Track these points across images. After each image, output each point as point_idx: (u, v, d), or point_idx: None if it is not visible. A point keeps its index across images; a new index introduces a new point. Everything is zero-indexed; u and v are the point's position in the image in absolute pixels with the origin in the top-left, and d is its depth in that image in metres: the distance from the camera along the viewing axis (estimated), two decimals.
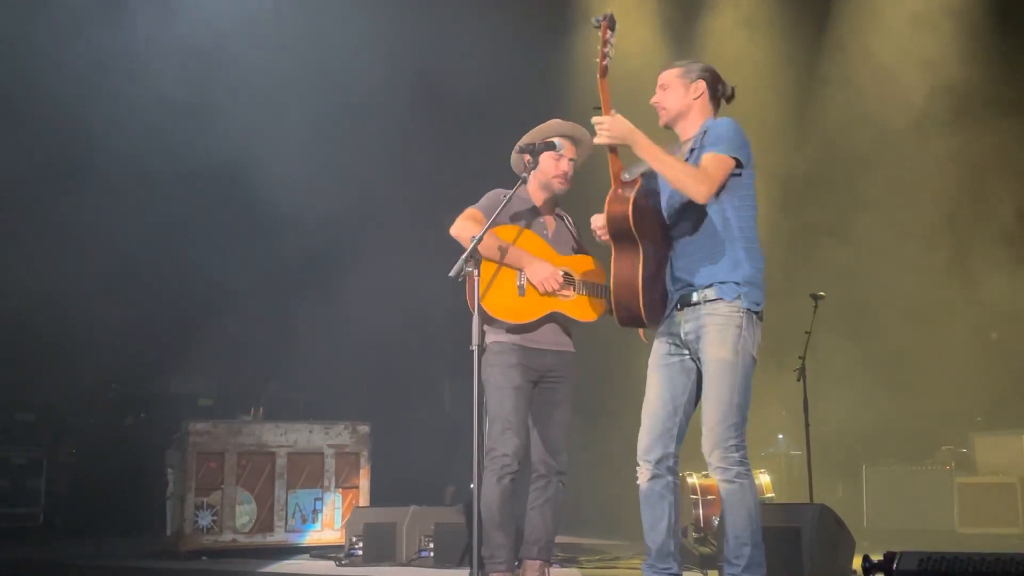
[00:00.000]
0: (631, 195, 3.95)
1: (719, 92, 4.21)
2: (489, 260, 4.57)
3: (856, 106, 8.95)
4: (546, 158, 4.78)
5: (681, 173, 3.90)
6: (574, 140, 4.88)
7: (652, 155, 3.91)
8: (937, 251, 8.41)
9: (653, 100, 4.25)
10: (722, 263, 4.00)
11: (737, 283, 3.99)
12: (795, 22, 9.21)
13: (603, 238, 4.16)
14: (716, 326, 3.96)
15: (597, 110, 3.96)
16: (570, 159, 4.85)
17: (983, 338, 8.35)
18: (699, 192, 3.89)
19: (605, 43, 3.88)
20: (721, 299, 3.98)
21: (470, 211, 4.80)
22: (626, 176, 3.95)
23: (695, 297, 4.00)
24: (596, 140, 3.93)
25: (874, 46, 8.92)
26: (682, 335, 4.05)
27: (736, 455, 3.91)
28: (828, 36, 9.22)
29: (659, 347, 4.16)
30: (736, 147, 3.96)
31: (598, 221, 4.16)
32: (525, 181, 4.65)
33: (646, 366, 4.17)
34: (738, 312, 3.96)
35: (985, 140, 8.40)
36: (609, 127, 3.89)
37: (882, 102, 8.85)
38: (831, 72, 9.14)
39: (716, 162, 3.93)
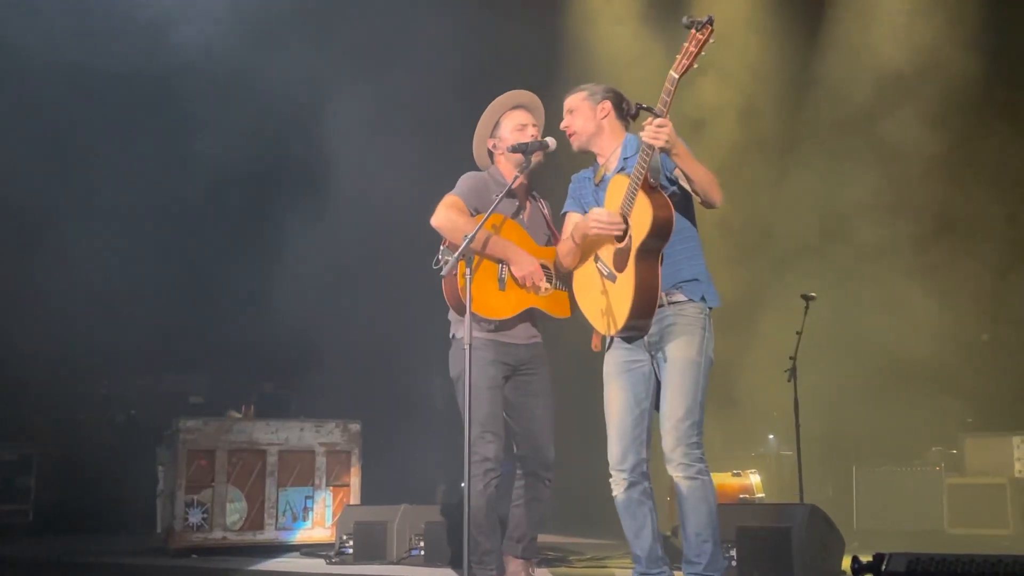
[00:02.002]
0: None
1: (624, 111, 4.28)
2: (472, 251, 4.48)
3: (848, 106, 8.96)
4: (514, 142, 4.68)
5: (713, 179, 3.97)
6: (530, 108, 4.84)
7: (690, 159, 3.94)
8: (928, 252, 8.42)
9: (563, 125, 4.33)
10: (681, 263, 4.07)
11: (698, 280, 4.06)
12: (789, 22, 9.20)
13: (598, 233, 4.02)
14: (682, 327, 4.04)
15: (648, 110, 3.87)
16: (532, 124, 4.79)
17: (974, 340, 8.36)
18: (721, 198, 4.00)
19: (702, 49, 3.72)
20: (690, 300, 4.04)
21: (451, 199, 4.66)
22: (652, 181, 3.93)
23: (659, 299, 4.03)
24: (655, 142, 3.78)
25: (867, 47, 8.93)
26: (645, 338, 4.06)
27: (698, 452, 3.97)
28: (821, 36, 9.22)
29: (617, 353, 4.18)
30: None
31: (611, 219, 3.96)
32: (515, 179, 4.63)
33: None
34: (702, 314, 4.07)
35: (977, 142, 8.42)
36: (670, 132, 3.80)
37: (874, 103, 8.86)
38: (823, 72, 9.15)
39: None
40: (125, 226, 8.95)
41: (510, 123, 4.79)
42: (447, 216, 4.58)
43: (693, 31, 3.71)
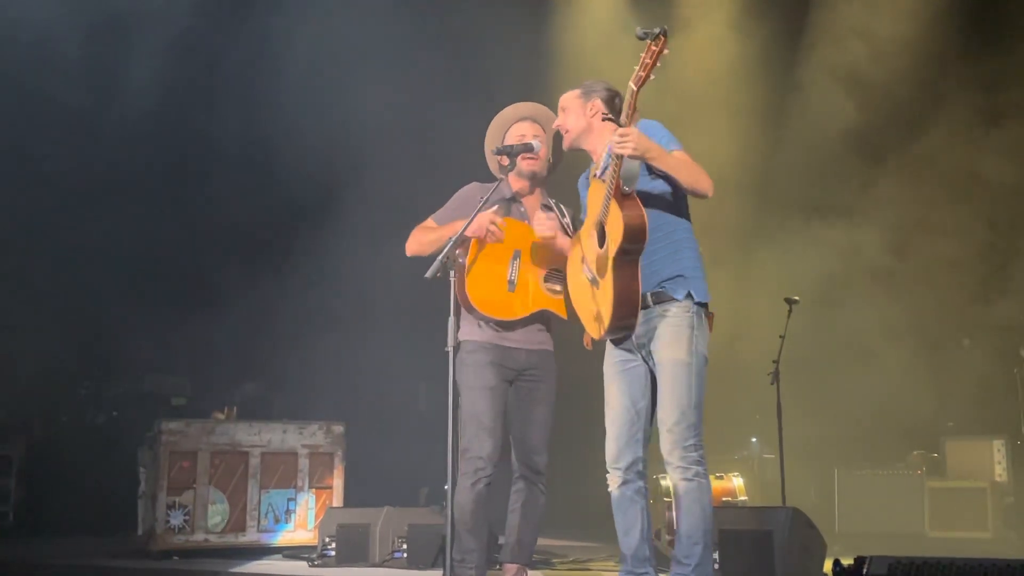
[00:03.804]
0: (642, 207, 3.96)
1: (617, 108, 4.28)
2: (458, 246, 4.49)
3: (830, 112, 9.00)
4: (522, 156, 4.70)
5: (699, 172, 3.99)
6: (537, 120, 4.83)
7: (667, 158, 3.95)
8: (910, 257, 8.47)
9: (556, 124, 4.38)
10: (664, 260, 4.06)
11: (682, 276, 4.05)
12: (771, 27, 9.23)
13: (553, 240, 4.27)
14: (669, 327, 4.03)
15: (612, 120, 3.89)
16: (535, 135, 4.76)
17: (955, 344, 8.40)
18: (710, 188, 4.00)
19: (657, 59, 3.74)
20: (673, 299, 4.04)
21: (423, 223, 4.75)
22: (626, 189, 3.92)
23: (645, 300, 4.03)
24: (621, 151, 3.82)
25: (849, 52, 8.97)
26: (633, 338, 4.08)
27: (695, 454, 3.96)
28: (802, 40, 9.26)
29: (612, 353, 4.20)
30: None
31: (549, 224, 4.25)
32: (503, 181, 4.64)
33: None
34: (688, 312, 4.04)
35: (958, 148, 8.47)
36: (636, 140, 3.82)
37: (858, 107, 8.90)
38: (805, 78, 9.19)
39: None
40: (109, 226, 8.90)
41: (514, 134, 4.79)
42: (411, 240, 4.73)
43: (648, 43, 3.74)
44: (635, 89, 3.79)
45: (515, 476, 4.77)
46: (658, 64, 3.75)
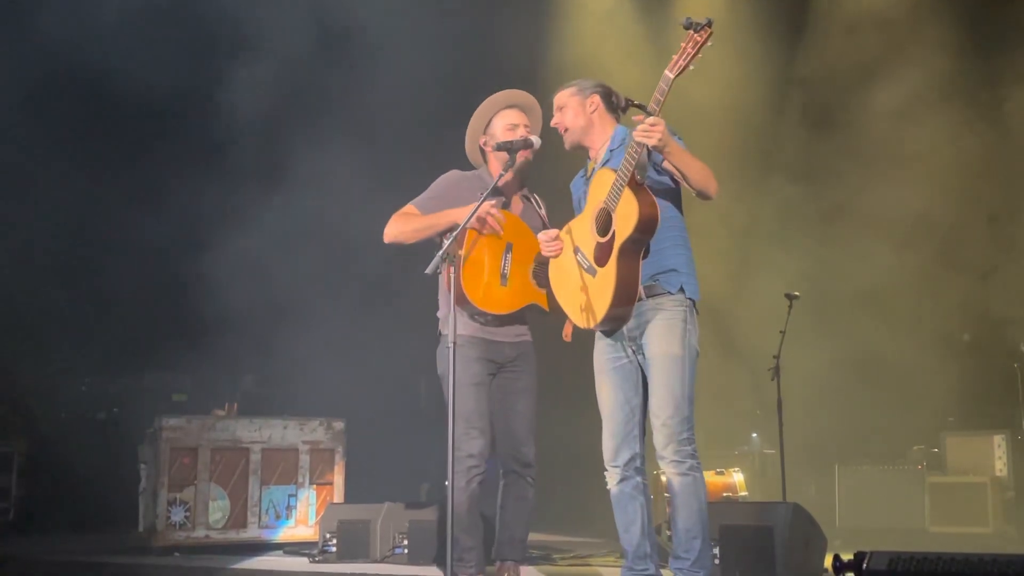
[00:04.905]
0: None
1: (614, 104, 4.27)
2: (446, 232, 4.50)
3: (830, 106, 8.99)
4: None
5: (708, 172, 3.97)
6: (524, 108, 4.81)
7: (683, 153, 3.94)
8: (911, 252, 8.46)
9: (553, 122, 4.33)
10: (661, 252, 4.05)
11: (676, 270, 4.05)
12: (769, 21, 9.22)
13: (552, 254, 4.25)
14: (662, 321, 4.02)
15: (640, 107, 3.83)
16: (525, 124, 4.75)
17: (955, 339, 8.40)
18: (716, 189, 3.99)
19: (699, 50, 3.69)
20: (667, 292, 4.03)
21: (402, 209, 4.69)
22: (639, 178, 3.91)
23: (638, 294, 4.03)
24: (647, 140, 3.76)
25: (850, 47, 8.96)
26: (624, 331, 4.07)
27: (689, 448, 3.97)
28: (802, 35, 9.25)
29: (603, 348, 4.20)
30: None
31: (556, 246, 4.23)
32: (484, 170, 4.61)
33: None
34: (681, 306, 4.04)
35: (959, 143, 8.45)
36: (663, 131, 3.77)
37: (856, 102, 8.89)
38: (806, 73, 9.17)
39: None
40: (110, 221, 8.90)
41: (502, 122, 4.75)
42: (392, 227, 4.66)
43: (691, 32, 3.68)
44: (672, 77, 3.73)
45: (502, 471, 4.75)
46: (699, 55, 3.69)
